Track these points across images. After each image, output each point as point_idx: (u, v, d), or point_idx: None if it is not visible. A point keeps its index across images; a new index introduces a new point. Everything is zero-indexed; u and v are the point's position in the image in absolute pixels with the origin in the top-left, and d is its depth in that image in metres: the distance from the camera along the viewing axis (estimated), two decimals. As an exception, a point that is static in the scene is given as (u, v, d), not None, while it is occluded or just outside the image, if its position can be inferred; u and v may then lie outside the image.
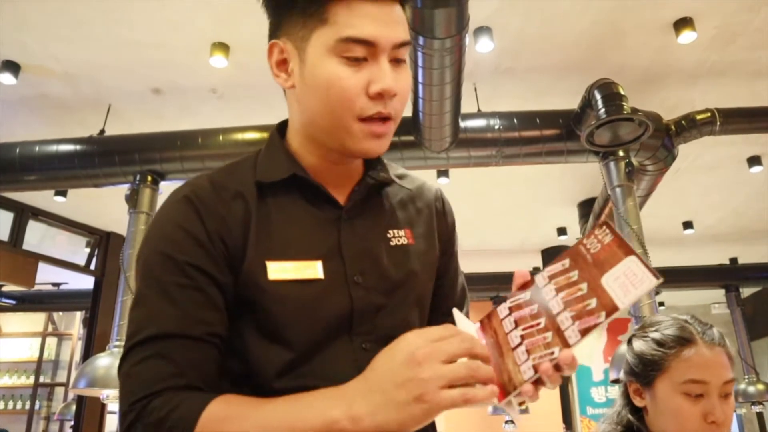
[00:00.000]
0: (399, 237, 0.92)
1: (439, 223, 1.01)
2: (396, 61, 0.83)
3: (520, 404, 0.70)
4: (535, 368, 0.68)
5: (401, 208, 0.96)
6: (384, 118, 0.82)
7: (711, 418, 1.17)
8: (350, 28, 0.78)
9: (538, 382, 0.69)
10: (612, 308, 0.68)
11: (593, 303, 0.69)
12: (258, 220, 0.83)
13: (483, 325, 0.81)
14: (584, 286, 0.72)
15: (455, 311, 0.85)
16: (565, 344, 0.68)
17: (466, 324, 0.82)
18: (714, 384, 1.19)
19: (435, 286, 0.99)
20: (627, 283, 0.68)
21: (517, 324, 0.75)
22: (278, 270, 0.80)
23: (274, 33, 0.88)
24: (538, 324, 0.73)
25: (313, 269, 0.82)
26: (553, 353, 0.68)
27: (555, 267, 0.77)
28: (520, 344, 0.72)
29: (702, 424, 1.17)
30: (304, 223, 0.85)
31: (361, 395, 0.65)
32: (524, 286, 0.79)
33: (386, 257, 0.89)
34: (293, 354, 0.79)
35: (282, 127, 0.95)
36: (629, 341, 1.37)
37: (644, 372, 1.27)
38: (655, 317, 1.35)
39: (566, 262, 0.77)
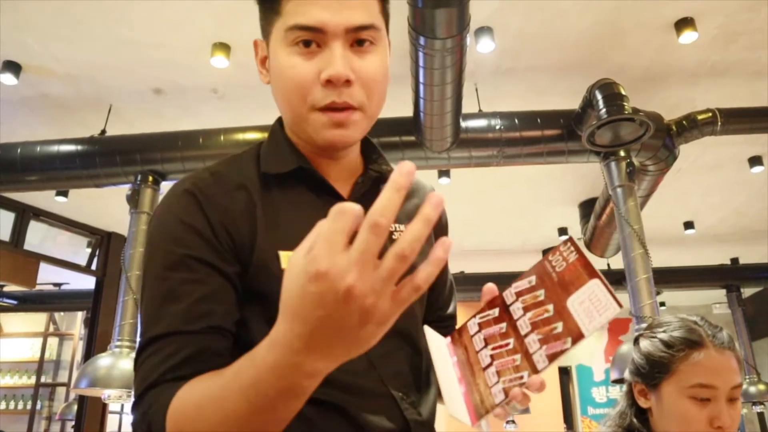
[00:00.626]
0: (400, 231, 0.91)
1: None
2: (358, 45, 0.80)
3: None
4: (506, 392, 0.69)
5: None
6: (341, 108, 0.79)
7: (717, 423, 1.14)
8: (297, 16, 0.78)
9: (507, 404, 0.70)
10: (578, 335, 0.67)
11: (559, 327, 0.69)
12: (264, 211, 0.82)
13: (453, 339, 0.80)
14: (551, 307, 0.71)
15: (426, 327, 0.85)
16: (534, 369, 0.68)
17: (436, 339, 0.82)
18: (722, 389, 1.17)
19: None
20: (591, 308, 0.67)
21: (486, 342, 0.75)
22: None
23: (261, 32, 0.89)
24: (507, 345, 0.73)
25: None
26: (522, 377, 0.69)
27: (522, 284, 0.76)
28: (490, 364, 0.73)
29: (708, 429, 1.15)
30: (311, 215, 0.82)
31: (305, 352, 0.54)
32: (492, 302, 0.78)
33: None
34: None
35: (281, 120, 0.95)
36: (636, 341, 1.35)
37: (650, 373, 1.25)
38: (664, 318, 1.33)
39: (533, 279, 0.75)
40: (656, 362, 1.24)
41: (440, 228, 1.04)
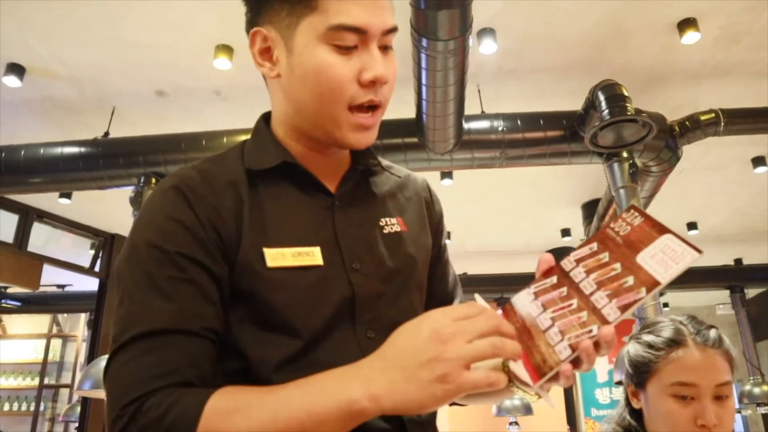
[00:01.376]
0: (392, 225, 0.91)
1: (428, 213, 1.01)
2: (384, 48, 0.82)
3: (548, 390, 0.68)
4: (573, 347, 0.65)
5: (391, 197, 0.95)
6: (374, 107, 0.82)
7: (701, 422, 1.15)
8: (341, 15, 0.77)
9: (574, 364, 0.65)
10: (652, 283, 0.64)
11: (630, 280, 0.66)
12: (251, 208, 0.80)
13: (506, 311, 0.76)
14: (617, 266, 0.68)
15: (477, 296, 0.82)
16: (604, 321, 0.64)
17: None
18: (704, 386, 1.17)
19: (430, 280, 0.99)
20: (666, 258, 0.65)
21: (545, 307, 0.71)
22: (277, 257, 0.78)
23: (254, 20, 0.86)
24: (570, 305, 0.69)
25: (312, 255, 0.80)
26: (591, 331, 0.65)
27: (582, 251, 0.74)
28: (551, 326, 0.68)
29: (693, 428, 1.16)
30: (298, 211, 0.84)
31: (379, 373, 0.62)
32: (549, 272, 0.75)
33: (381, 245, 0.88)
34: (297, 343, 0.76)
35: (267, 117, 0.93)
36: (628, 343, 1.37)
37: (637, 374, 1.28)
38: (656, 319, 1.34)
39: (594, 245, 0.73)
40: (641, 363, 1.26)
41: (437, 217, 1.04)
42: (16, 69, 3.41)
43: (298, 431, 0.62)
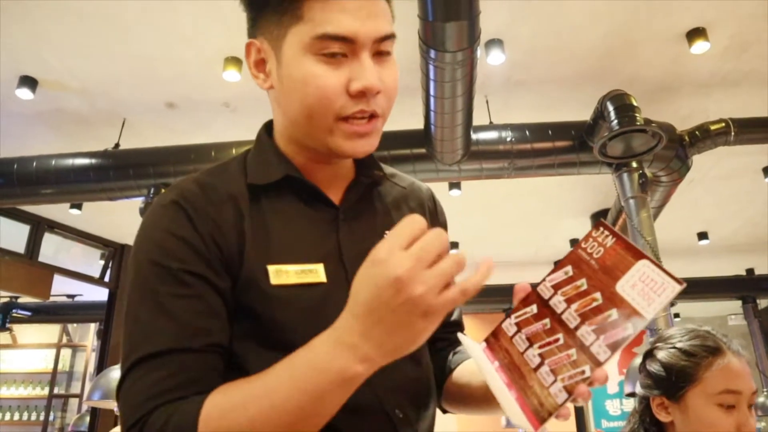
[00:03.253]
0: None
1: (432, 224, 0.97)
2: (380, 55, 0.79)
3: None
4: (568, 390, 0.63)
5: (396, 208, 0.93)
6: (369, 116, 0.79)
7: (745, 429, 1.13)
8: (327, 24, 0.74)
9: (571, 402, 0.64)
10: (638, 319, 0.62)
11: (614, 314, 0.64)
12: (253, 223, 0.79)
13: (490, 344, 0.74)
14: (598, 296, 0.66)
15: (460, 335, 0.81)
16: (596, 362, 0.63)
17: (471, 345, 0.77)
18: (745, 394, 1.16)
19: None
20: (647, 290, 0.63)
21: (531, 341, 0.69)
22: (280, 274, 0.76)
23: (251, 32, 0.84)
24: (557, 340, 0.67)
25: (315, 273, 0.78)
26: (583, 372, 0.63)
27: (557, 275, 0.71)
28: (541, 364, 0.67)
29: None
30: (301, 225, 0.82)
31: (359, 334, 0.61)
32: (527, 300, 0.73)
33: None
34: None
35: (269, 126, 0.91)
36: (649, 354, 1.31)
37: (673, 384, 1.21)
38: (672, 330, 1.30)
39: (568, 269, 0.70)
40: (679, 372, 1.21)
41: (440, 226, 1.02)
42: (29, 82, 3.45)
43: (298, 412, 0.62)
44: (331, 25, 0.74)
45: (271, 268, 0.76)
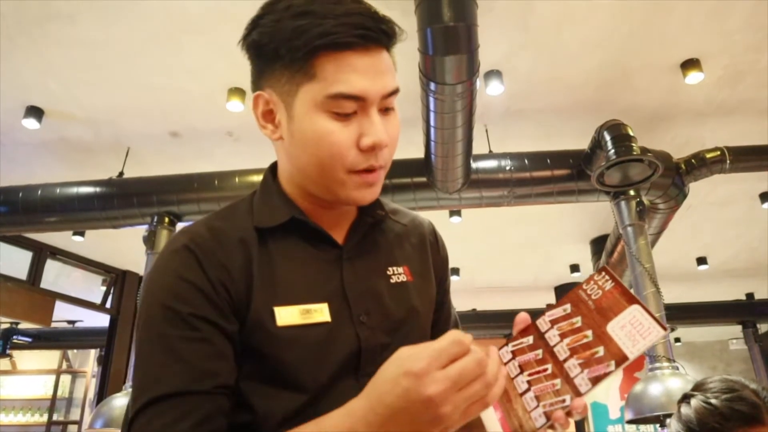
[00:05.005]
0: (399, 274, 0.91)
1: (433, 258, 1.00)
2: (385, 110, 0.81)
3: None
4: (547, 416, 0.68)
5: (398, 245, 0.96)
6: (374, 170, 0.82)
7: None
8: (339, 84, 0.76)
9: (549, 428, 0.69)
10: (621, 357, 0.67)
11: (601, 351, 0.69)
12: (260, 266, 0.81)
13: None
14: (589, 333, 0.71)
15: None
16: (576, 393, 0.68)
17: None
18: None
19: (432, 321, 0.99)
20: (634, 332, 0.68)
21: (522, 369, 0.74)
22: (287, 315, 0.79)
23: (256, 82, 0.86)
24: (545, 370, 0.72)
25: (320, 312, 0.81)
26: (564, 401, 0.68)
27: (556, 312, 0.77)
28: (527, 390, 0.72)
29: None
30: (306, 266, 0.85)
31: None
32: (525, 331, 0.78)
33: (388, 295, 0.88)
34: (302, 399, 0.77)
35: (274, 169, 0.93)
36: (686, 399, 1.28)
37: None
38: (713, 379, 1.26)
39: (567, 307, 0.76)
40: (705, 429, 1.18)
41: (442, 263, 1.03)
42: (35, 111, 3.50)
43: None
44: (343, 85, 0.76)
45: (277, 310, 0.79)
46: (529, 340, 0.76)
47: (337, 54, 0.77)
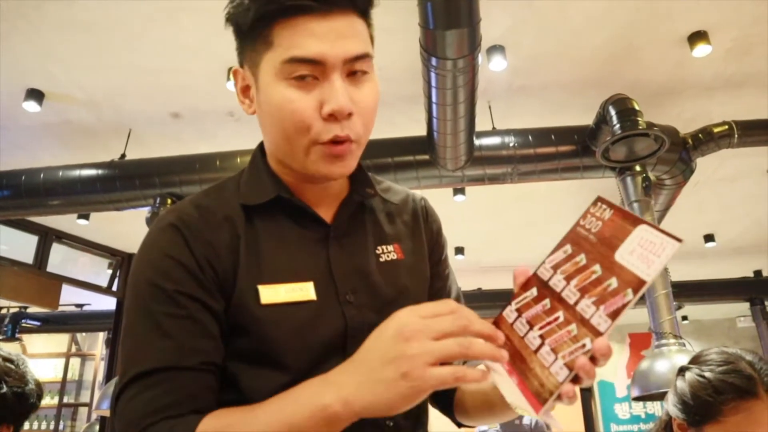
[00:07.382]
0: (388, 253, 0.90)
1: (426, 232, 0.99)
2: (354, 75, 0.79)
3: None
4: (569, 366, 0.61)
5: (388, 223, 0.94)
6: (341, 141, 0.78)
7: None
8: (293, 49, 0.75)
9: (573, 380, 0.62)
10: (638, 283, 0.60)
11: (614, 282, 0.62)
12: (247, 244, 0.81)
13: None
14: (597, 267, 0.65)
15: None
16: (596, 333, 0.61)
17: None
18: None
19: (429, 294, 0.97)
20: (646, 253, 0.61)
21: (531, 324, 0.68)
22: (271, 294, 0.78)
23: (239, 60, 0.86)
24: (557, 319, 0.66)
25: (305, 291, 0.80)
26: (584, 345, 0.61)
27: (556, 256, 0.71)
28: (541, 345, 0.65)
29: None
30: (292, 245, 0.84)
31: (348, 376, 0.64)
32: (527, 284, 0.73)
33: (377, 274, 0.87)
34: (288, 378, 0.76)
35: (263, 146, 0.92)
36: (681, 372, 1.26)
37: (693, 414, 1.17)
38: (711, 351, 1.24)
39: (567, 248, 0.70)
40: (702, 406, 1.16)
41: (434, 235, 1.01)
42: (36, 94, 3.49)
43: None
44: (298, 49, 0.75)
45: (262, 288, 0.79)
46: (533, 292, 0.71)
47: (294, 19, 0.75)
